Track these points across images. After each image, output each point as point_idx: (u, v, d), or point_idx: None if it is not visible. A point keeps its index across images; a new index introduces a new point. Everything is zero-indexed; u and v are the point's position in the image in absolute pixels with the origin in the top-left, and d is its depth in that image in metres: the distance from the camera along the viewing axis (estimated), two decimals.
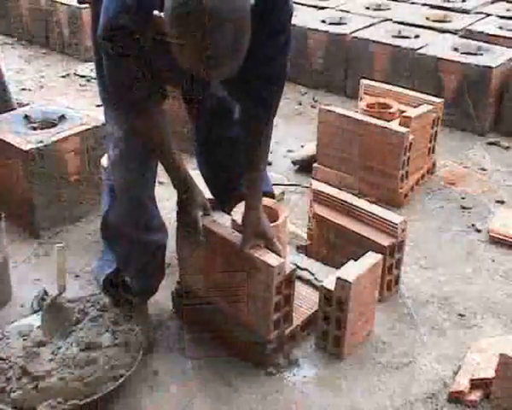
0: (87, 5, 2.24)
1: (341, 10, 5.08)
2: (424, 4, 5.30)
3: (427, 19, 4.90)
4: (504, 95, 3.95)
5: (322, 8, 5.18)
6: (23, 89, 4.70)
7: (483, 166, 3.60)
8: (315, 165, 3.36)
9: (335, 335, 2.20)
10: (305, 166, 3.50)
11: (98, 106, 2.46)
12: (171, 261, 2.51)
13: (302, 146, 3.79)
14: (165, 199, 3.12)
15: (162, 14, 1.55)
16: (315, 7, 5.21)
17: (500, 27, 4.64)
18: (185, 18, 1.48)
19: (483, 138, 3.92)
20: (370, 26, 4.69)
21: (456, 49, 4.18)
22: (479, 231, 2.99)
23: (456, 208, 3.18)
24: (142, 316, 2.26)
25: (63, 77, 5.00)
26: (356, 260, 2.23)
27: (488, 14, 4.95)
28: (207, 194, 2.58)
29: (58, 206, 2.91)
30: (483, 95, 3.89)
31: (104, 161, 2.53)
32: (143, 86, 1.84)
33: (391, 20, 4.85)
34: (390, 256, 2.44)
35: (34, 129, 3.01)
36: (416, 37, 4.49)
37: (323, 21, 4.79)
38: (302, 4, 5.20)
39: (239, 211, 2.15)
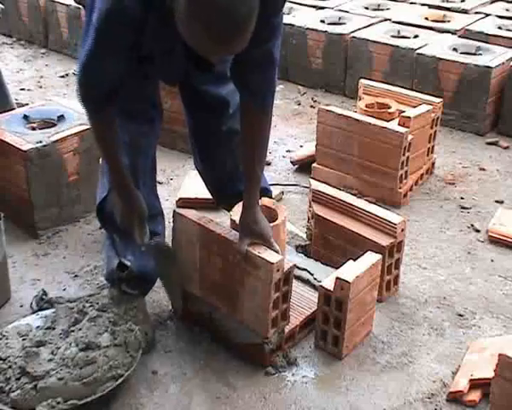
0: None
1: (340, 10, 5.08)
2: (423, 4, 5.30)
3: (427, 19, 4.91)
4: (504, 95, 3.96)
5: (322, 8, 5.18)
6: (22, 89, 4.70)
7: (482, 166, 3.60)
8: (314, 165, 3.36)
9: (334, 335, 2.20)
10: (304, 167, 3.50)
11: None
12: None
13: (301, 146, 3.80)
14: (165, 199, 3.14)
15: None
16: (314, 7, 5.22)
17: (499, 27, 4.64)
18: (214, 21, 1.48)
19: (482, 138, 3.93)
20: (369, 25, 4.69)
21: (455, 49, 4.18)
22: (478, 230, 2.99)
23: (456, 208, 3.19)
24: (141, 316, 2.26)
25: (62, 77, 5.00)
26: (355, 260, 2.23)
27: (487, 14, 4.96)
28: (206, 193, 2.59)
29: (57, 206, 2.91)
30: (482, 95, 3.89)
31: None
32: (120, 78, 1.84)
33: (390, 20, 4.85)
34: (389, 256, 2.44)
35: (33, 129, 3.01)
36: (416, 37, 4.49)
37: (322, 21, 4.79)
38: (301, 4, 5.21)
39: (238, 211, 2.15)
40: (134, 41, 1.74)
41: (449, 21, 4.86)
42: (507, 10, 5.06)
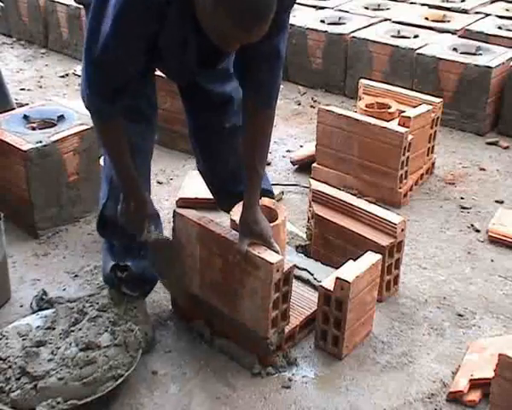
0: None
1: (340, 10, 5.09)
2: (423, 4, 5.30)
3: (427, 19, 4.91)
4: (504, 95, 3.96)
5: (322, 7, 5.18)
6: (22, 89, 4.70)
7: (482, 166, 3.60)
8: (314, 165, 3.36)
9: (334, 335, 2.20)
10: (304, 167, 3.50)
11: None
12: None
13: (301, 146, 3.80)
14: (165, 199, 3.16)
15: None
16: (314, 7, 5.22)
17: (499, 27, 4.64)
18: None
19: (482, 138, 3.92)
20: (369, 25, 4.70)
21: (455, 49, 4.18)
22: (478, 230, 2.99)
23: (456, 208, 3.18)
24: (141, 316, 2.26)
25: (62, 77, 5.00)
26: (355, 260, 2.23)
27: (487, 14, 4.96)
28: (206, 193, 2.59)
29: (57, 206, 2.91)
30: (482, 95, 3.89)
31: (102, 160, 2.53)
32: (134, 75, 1.83)
33: (390, 19, 4.86)
34: (389, 256, 2.43)
35: (33, 129, 3.01)
36: (416, 37, 4.49)
37: (323, 21, 4.79)
38: (301, 4, 5.21)
39: (238, 211, 2.15)
40: (153, 32, 1.71)
41: (449, 21, 4.86)
42: (507, 10, 5.06)
